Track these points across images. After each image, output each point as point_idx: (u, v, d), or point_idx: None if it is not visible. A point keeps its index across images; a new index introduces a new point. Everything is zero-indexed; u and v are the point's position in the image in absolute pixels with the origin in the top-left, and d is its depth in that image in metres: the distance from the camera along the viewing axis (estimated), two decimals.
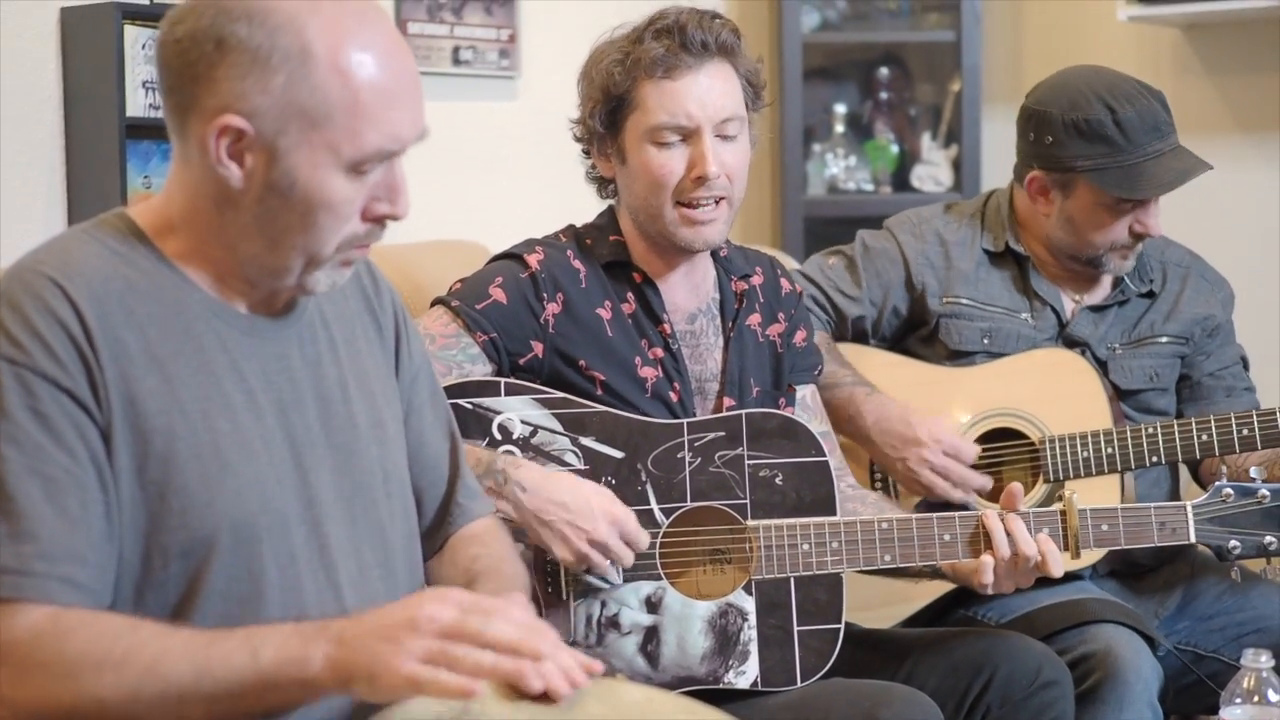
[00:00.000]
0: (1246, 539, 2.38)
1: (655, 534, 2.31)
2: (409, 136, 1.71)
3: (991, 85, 4.25)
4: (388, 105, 1.67)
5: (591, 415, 2.32)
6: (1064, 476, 2.74)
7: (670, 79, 2.34)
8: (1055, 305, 2.88)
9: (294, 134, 1.65)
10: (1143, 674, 2.51)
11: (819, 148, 4.38)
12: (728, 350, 2.49)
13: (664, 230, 2.39)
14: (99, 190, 2.90)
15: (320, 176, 1.66)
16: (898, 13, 4.38)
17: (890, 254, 2.94)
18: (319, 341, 1.83)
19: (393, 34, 1.72)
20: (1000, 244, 2.91)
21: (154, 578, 1.67)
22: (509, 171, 3.79)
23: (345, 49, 1.65)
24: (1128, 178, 2.74)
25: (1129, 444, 2.73)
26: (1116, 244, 2.81)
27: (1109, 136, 2.74)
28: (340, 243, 1.71)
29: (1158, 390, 2.87)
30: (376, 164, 1.69)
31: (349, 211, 1.70)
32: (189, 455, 1.67)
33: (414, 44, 3.53)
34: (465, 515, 2.03)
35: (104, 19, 2.87)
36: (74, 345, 1.63)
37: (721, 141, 2.36)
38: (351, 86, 1.65)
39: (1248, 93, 4.04)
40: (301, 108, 1.64)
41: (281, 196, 1.67)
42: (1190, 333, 2.90)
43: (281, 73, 1.64)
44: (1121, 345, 2.88)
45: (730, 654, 2.31)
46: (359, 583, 1.80)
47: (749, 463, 2.33)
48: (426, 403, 2.00)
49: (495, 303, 2.37)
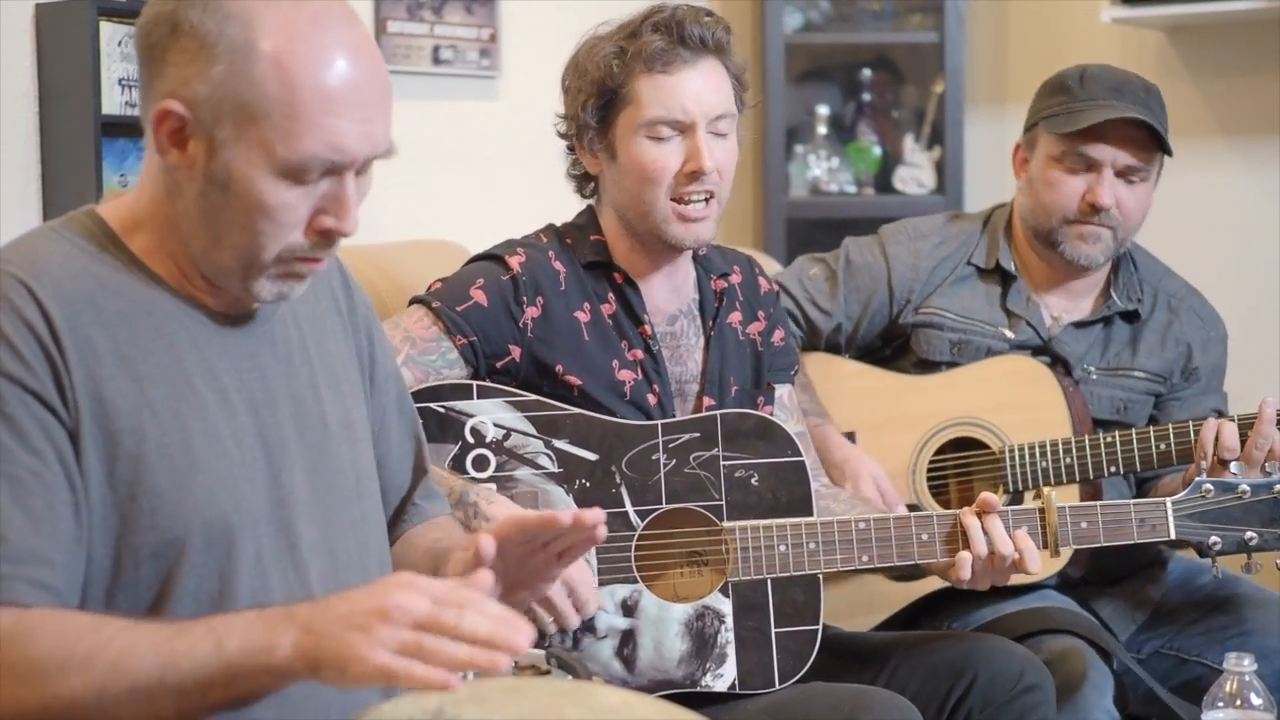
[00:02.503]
0: (1227, 535, 2.37)
1: (631, 537, 2.29)
2: (355, 149, 1.65)
3: (975, 87, 4.24)
4: (328, 112, 1.62)
5: (565, 417, 2.31)
6: (1024, 486, 2.75)
7: (667, 73, 2.33)
8: (1035, 321, 2.86)
9: (230, 128, 1.62)
10: (1097, 681, 2.52)
11: (801, 149, 4.36)
12: (708, 350, 2.48)
13: (654, 227, 2.37)
14: (74, 188, 2.88)
15: (254, 176, 1.63)
16: (881, 14, 4.36)
17: (874, 269, 2.93)
18: (290, 341, 1.82)
19: (355, 42, 1.66)
20: (991, 261, 2.90)
21: (125, 579, 1.65)
22: (489, 171, 3.78)
23: (291, 48, 1.61)
24: (1068, 119, 2.75)
25: (1088, 453, 2.72)
26: (1068, 214, 2.78)
27: (1069, 87, 2.78)
28: (281, 251, 1.67)
29: (1124, 425, 2.82)
30: (317, 173, 1.64)
31: (289, 219, 1.65)
32: (159, 455, 1.65)
33: (393, 43, 3.51)
34: (422, 515, 2.03)
35: (79, 15, 2.85)
36: (40, 346, 1.62)
37: (714, 138, 2.36)
38: (290, 86, 1.61)
39: (1231, 95, 4.04)
40: (239, 101, 1.61)
41: (219, 191, 1.64)
42: (1169, 372, 2.88)
43: (223, 63, 1.61)
44: (1098, 370, 2.86)
45: (707, 657, 2.30)
46: (330, 583, 1.78)
47: (724, 464, 2.32)
48: (393, 404, 1.99)
49: (476, 305, 2.35)
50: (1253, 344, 3.82)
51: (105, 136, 2.87)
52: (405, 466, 2.01)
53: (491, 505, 2.19)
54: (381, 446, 1.96)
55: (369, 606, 1.54)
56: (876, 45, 4.44)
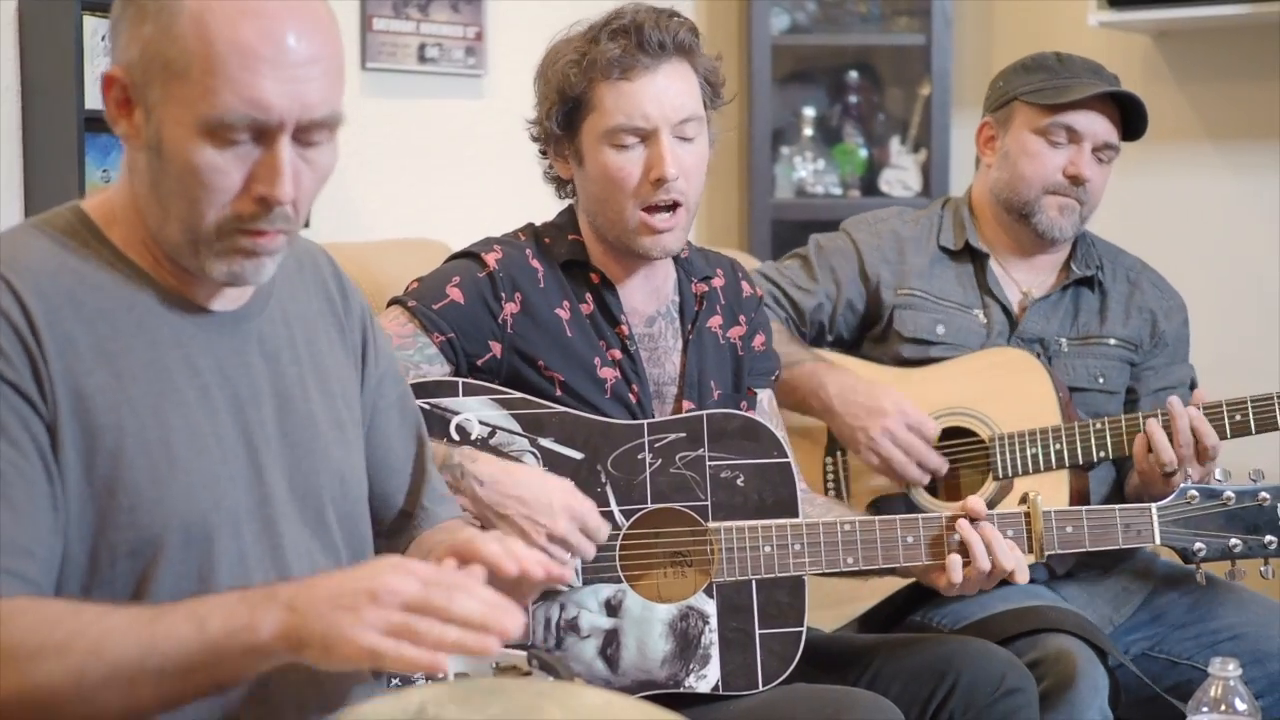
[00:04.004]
0: (1211, 541, 2.38)
1: (615, 536, 2.28)
2: (279, 108, 1.60)
3: (961, 90, 4.24)
4: (245, 67, 1.58)
5: (550, 416, 2.30)
6: (1014, 473, 2.77)
7: (627, 80, 2.31)
8: (1005, 302, 2.92)
9: (159, 87, 1.60)
10: (1093, 680, 2.52)
11: (787, 151, 4.36)
12: (686, 353, 2.47)
13: (622, 235, 2.36)
14: (57, 184, 2.86)
15: (180, 136, 1.60)
16: (867, 16, 4.36)
17: (844, 250, 2.99)
18: (279, 339, 1.80)
19: (290, 3, 1.62)
20: (960, 241, 2.96)
21: (101, 576, 1.64)
22: (475, 170, 3.77)
23: (211, 4, 1.59)
24: (1056, 92, 2.84)
25: (1076, 439, 2.75)
26: (1049, 184, 2.86)
27: (1049, 65, 2.89)
28: (220, 221, 1.64)
29: (1105, 393, 2.89)
30: (244, 133, 1.61)
31: (220, 183, 1.62)
32: (138, 451, 1.64)
33: (379, 40, 3.50)
34: (431, 519, 2.00)
35: (63, 10, 2.84)
36: (19, 339, 1.60)
37: (679, 142, 2.33)
38: (206, 40, 1.58)
39: (1217, 100, 4.04)
40: (164, 60, 1.59)
41: (158, 156, 1.62)
42: (1139, 339, 2.94)
43: (151, 22, 1.60)
44: (1069, 341, 2.91)
45: (691, 657, 2.29)
46: None
47: (710, 464, 2.31)
48: (394, 405, 1.97)
49: (452, 303, 2.34)
50: (1240, 347, 3.83)
51: (88, 131, 2.85)
52: (407, 468, 1.99)
53: (477, 464, 2.19)
54: (382, 448, 1.94)
55: (357, 587, 1.52)
56: (863, 47, 4.44)
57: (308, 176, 1.66)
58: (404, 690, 1.46)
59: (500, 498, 2.17)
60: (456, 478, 2.17)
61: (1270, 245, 3.94)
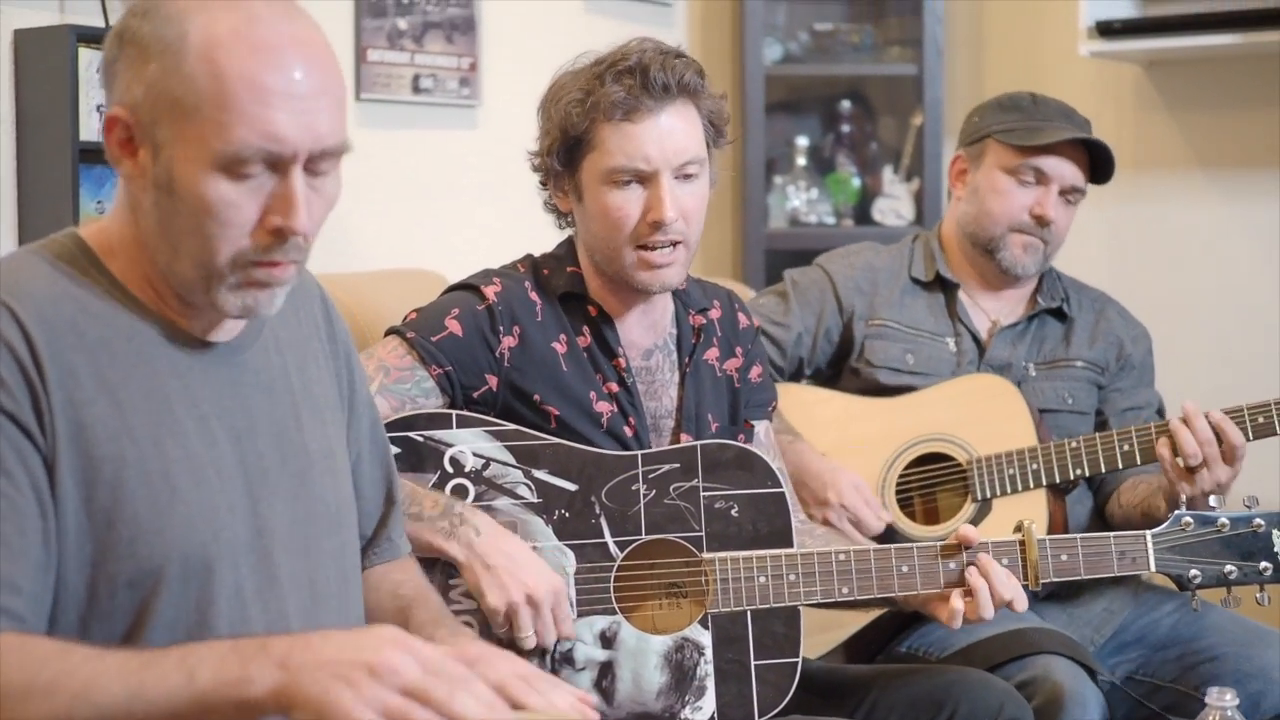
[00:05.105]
0: (1207, 568, 2.37)
1: (609, 567, 2.28)
2: (293, 140, 1.62)
3: (953, 119, 4.24)
4: (259, 100, 1.60)
5: (544, 447, 2.29)
6: (992, 494, 2.81)
7: (630, 121, 2.30)
8: (974, 330, 2.98)
9: (167, 127, 1.61)
10: (1084, 701, 2.52)
11: (781, 180, 4.37)
12: (683, 386, 2.47)
13: (621, 271, 2.36)
14: (51, 215, 2.86)
15: (193, 174, 1.61)
16: (860, 46, 4.38)
17: (819, 283, 3.05)
18: (272, 368, 1.80)
19: (292, 35, 1.64)
20: (930, 272, 3.03)
21: (100, 608, 1.63)
22: (469, 200, 3.77)
23: (223, 40, 1.60)
24: (1028, 134, 2.91)
25: (1053, 458, 2.80)
26: (1015, 223, 2.93)
27: (1024, 106, 2.95)
28: (235, 255, 1.65)
29: (1075, 414, 2.95)
30: (258, 165, 1.62)
31: (235, 218, 1.63)
32: (138, 482, 1.64)
33: (374, 71, 3.51)
34: (395, 551, 2.02)
35: (58, 41, 2.84)
36: (20, 369, 1.60)
37: (680, 183, 2.33)
38: (220, 77, 1.59)
39: (1208, 130, 4.06)
40: (172, 98, 1.60)
41: (168, 194, 1.63)
42: (1105, 361, 3.00)
43: (156, 61, 1.61)
44: (1036, 366, 2.97)
45: (687, 689, 2.28)
46: (309, 614, 1.77)
47: (704, 494, 2.31)
48: (366, 435, 1.99)
49: (451, 335, 2.34)
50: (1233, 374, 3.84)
51: (83, 163, 2.85)
52: (378, 497, 2.00)
53: (478, 516, 2.21)
54: (355, 475, 1.94)
55: (356, 658, 1.51)
56: (855, 77, 4.46)
57: (317, 205, 1.68)
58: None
59: (494, 550, 2.19)
60: (454, 524, 2.18)
61: (1261, 273, 3.95)
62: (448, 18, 3.68)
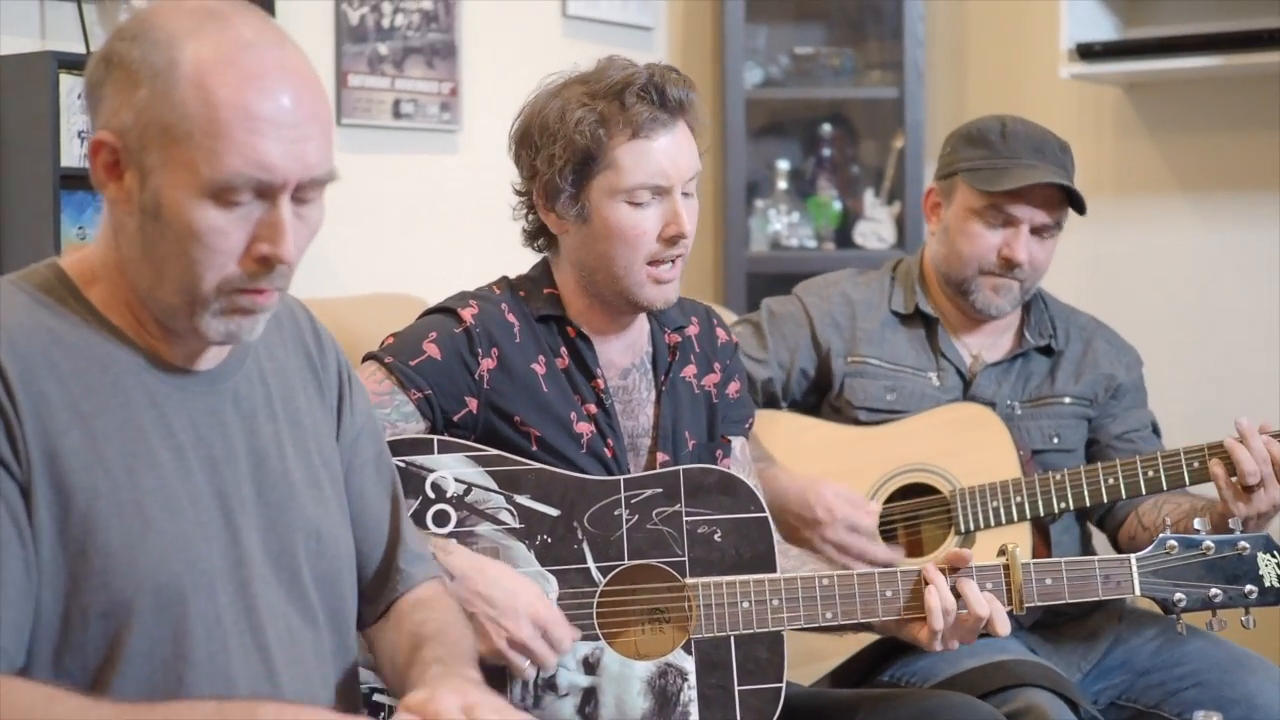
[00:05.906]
0: (1191, 592, 2.37)
1: (592, 593, 2.27)
2: (283, 168, 1.62)
3: (934, 142, 4.24)
4: (250, 129, 1.60)
5: (526, 473, 2.29)
6: (975, 527, 2.77)
7: (648, 139, 2.31)
8: (958, 364, 2.93)
9: (156, 152, 1.60)
10: None
11: (762, 204, 4.38)
12: (660, 404, 2.46)
13: (626, 289, 2.36)
14: (32, 241, 2.86)
15: (181, 200, 1.60)
16: (841, 70, 4.39)
17: (796, 317, 2.99)
18: (255, 397, 1.79)
19: (282, 62, 1.64)
20: (910, 305, 2.97)
21: (73, 639, 1.62)
22: (449, 225, 3.77)
23: (213, 67, 1.59)
24: (994, 176, 2.82)
25: (1037, 492, 2.76)
26: (984, 265, 2.86)
27: (991, 141, 2.85)
28: (220, 282, 1.64)
29: (1062, 452, 2.89)
30: (247, 194, 1.62)
31: (222, 245, 1.62)
32: (111, 513, 1.62)
33: (354, 96, 3.51)
34: (408, 580, 1.99)
35: (39, 67, 2.84)
36: None
37: (685, 199, 2.36)
38: (211, 104, 1.59)
39: (1188, 152, 4.07)
40: (163, 124, 1.59)
41: (154, 220, 1.62)
42: (1094, 394, 2.94)
43: (145, 86, 1.60)
44: (1021, 404, 2.92)
45: (670, 715, 2.27)
46: (288, 645, 1.75)
47: (687, 519, 2.30)
48: (370, 463, 1.96)
49: (429, 359, 2.33)
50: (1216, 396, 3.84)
51: (64, 189, 2.85)
52: (383, 526, 1.98)
53: (449, 557, 2.18)
54: (357, 505, 1.93)
55: None
56: (836, 100, 4.47)
57: (302, 233, 1.68)
58: None
59: (469, 594, 2.16)
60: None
61: (1241, 296, 3.96)
62: (428, 43, 3.69)
